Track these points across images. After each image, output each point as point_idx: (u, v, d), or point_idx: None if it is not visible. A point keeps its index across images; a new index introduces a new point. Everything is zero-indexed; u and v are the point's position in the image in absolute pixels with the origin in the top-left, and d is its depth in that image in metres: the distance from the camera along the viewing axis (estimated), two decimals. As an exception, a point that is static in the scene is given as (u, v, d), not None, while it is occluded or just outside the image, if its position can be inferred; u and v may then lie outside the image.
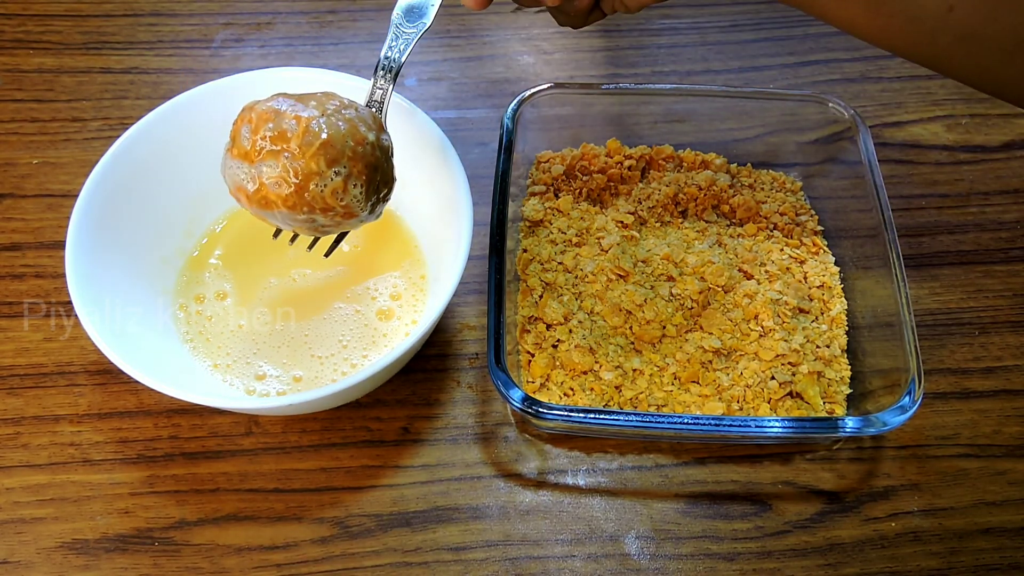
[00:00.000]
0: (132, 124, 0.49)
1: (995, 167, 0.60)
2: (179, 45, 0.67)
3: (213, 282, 0.51)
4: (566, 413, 0.44)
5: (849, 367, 0.49)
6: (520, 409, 0.43)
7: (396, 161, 0.52)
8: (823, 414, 0.47)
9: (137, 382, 0.41)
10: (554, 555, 0.45)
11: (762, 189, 0.57)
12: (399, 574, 0.45)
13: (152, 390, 0.40)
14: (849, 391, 0.48)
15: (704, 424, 0.43)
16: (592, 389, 0.47)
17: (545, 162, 0.57)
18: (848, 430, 0.43)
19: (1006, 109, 0.63)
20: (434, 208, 0.50)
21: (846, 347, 0.50)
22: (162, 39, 0.67)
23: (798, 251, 0.53)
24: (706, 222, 0.55)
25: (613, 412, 0.44)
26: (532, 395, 0.46)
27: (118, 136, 0.48)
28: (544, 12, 0.69)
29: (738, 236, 0.54)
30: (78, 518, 0.46)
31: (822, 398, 0.48)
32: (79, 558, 0.45)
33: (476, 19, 0.68)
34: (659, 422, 0.44)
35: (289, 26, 0.68)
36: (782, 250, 0.53)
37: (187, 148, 0.51)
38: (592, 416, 0.44)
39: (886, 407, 0.43)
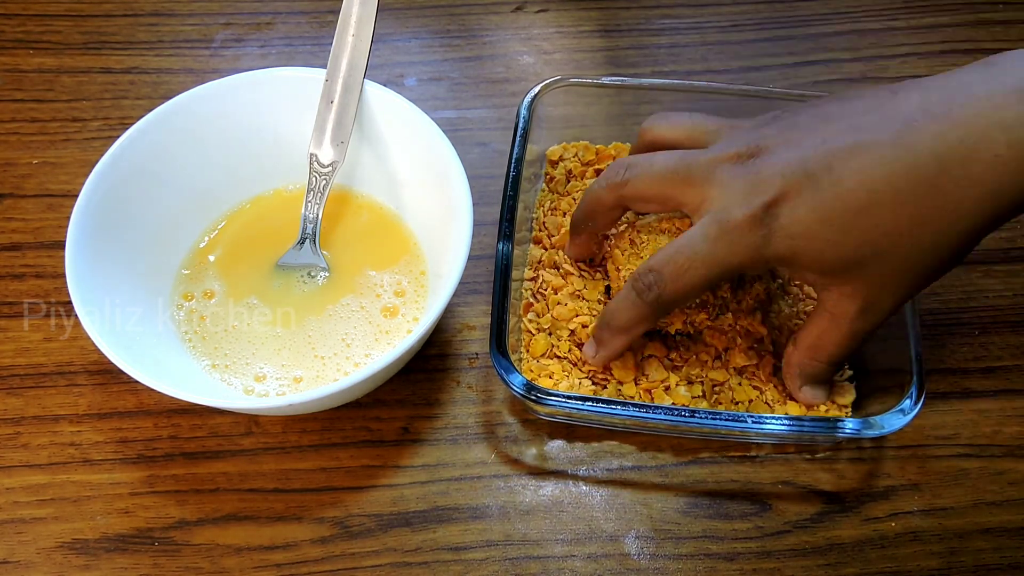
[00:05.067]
0: (132, 124, 0.49)
1: (995, 167, 0.60)
2: (179, 45, 0.67)
3: (213, 282, 0.51)
4: (564, 399, 0.44)
5: (851, 371, 0.49)
6: (520, 394, 0.44)
7: (396, 161, 0.53)
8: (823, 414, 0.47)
9: (137, 382, 0.40)
10: (554, 555, 0.45)
11: None
12: (399, 574, 0.45)
13: (152, 390, 0.40)
14: (853, 397, 0.48)
15: (701, 417, 0.43)
16: (591, 370, 0.48)
17: (556, 159, 0.57)
18: (847, 431, 0.43)
19: (1006, 109, 0.63)
20: (434, 208, 0.50)
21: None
22: (162, 39, 0.67)
23: None
24: None
25: (611, 401, 0.44)
26: (530, 373, 0.47)
27: (118, 136, 0.48)
28: (544, 12, 0.69)
29: None
30: (78, 518, 0.46)
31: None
32: (79, 558, 0.45)
33: (476, 19, 0.68)
34: (656, 412, 0.43)
35: (289, 26, 0.68)
36: None
37: (187, 148, 0.51)
38: (590, 404, 0.44)
39: (887, 409, 0.43)
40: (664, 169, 0.43)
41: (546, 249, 0.52)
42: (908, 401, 0.43)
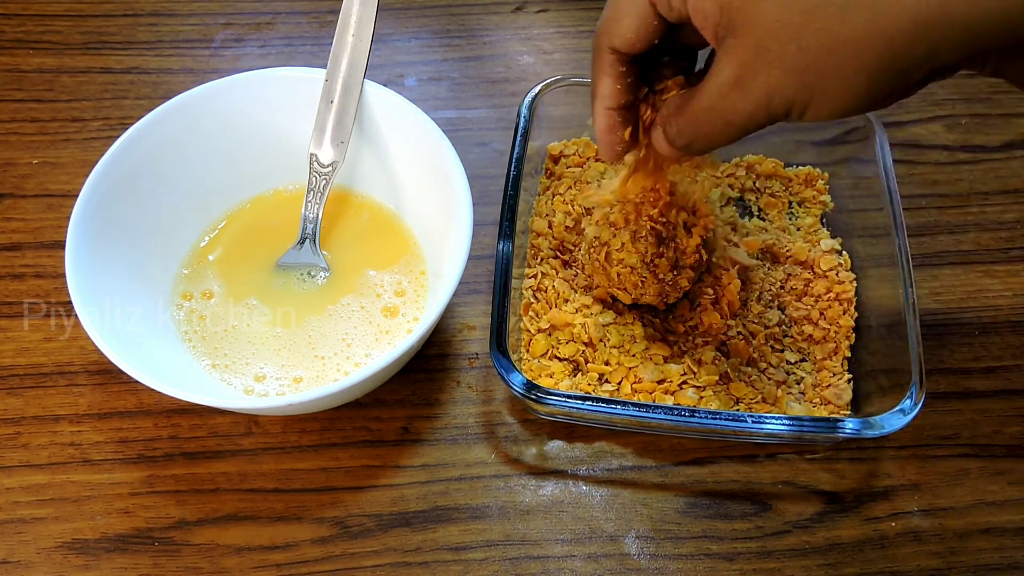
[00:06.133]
0: (132, 124, 0.49)
1: (995, 167, 0.60)
2: (179, 45, 0.67)
3: (213, 282, 0.51)
4: (564, 399, 0.44)
5: (850, 375, 0.49)
6: (520, 394, 0.44)
7: (396, 161, 0.53)
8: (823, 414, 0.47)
9: (137, 382, 0.40)
10: (554, 555, 0.45)
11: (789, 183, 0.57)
12: (399, 574, 0.45)
13: (152, 390, 0.40)
14: (851, 397, 0.48)
15: (701, 417, 0.43)
16: (589, 371, 0.48)
17: (557, 155, 0.57)
18: (847, 432, 0.43)
19: (1006, 109, 0.63)
20: (434, 208, 0.50)
21: (850, 353, 0.50)
22: (162, 39, 0.67)
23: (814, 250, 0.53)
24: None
25: (611, 401, 0.44)
26: (530, 373, 0.47)
27: (118, 136, 0.48)
28: (544, 12, 0.69)
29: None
30: (78, 518, 0.46)
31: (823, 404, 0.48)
32: (79, 558, 0.45)
33: (476, 19, 0.68)
34: (656, 412, 0.43)
35: (289, 26, 0.68)
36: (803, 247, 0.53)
37: (187, 148, 0.51)
38: (590, 403, 0.44)
39: (887, 409, 0.43)
40: None
41: (548, 250, 0.52)
42: (908, 401, 0.43)
